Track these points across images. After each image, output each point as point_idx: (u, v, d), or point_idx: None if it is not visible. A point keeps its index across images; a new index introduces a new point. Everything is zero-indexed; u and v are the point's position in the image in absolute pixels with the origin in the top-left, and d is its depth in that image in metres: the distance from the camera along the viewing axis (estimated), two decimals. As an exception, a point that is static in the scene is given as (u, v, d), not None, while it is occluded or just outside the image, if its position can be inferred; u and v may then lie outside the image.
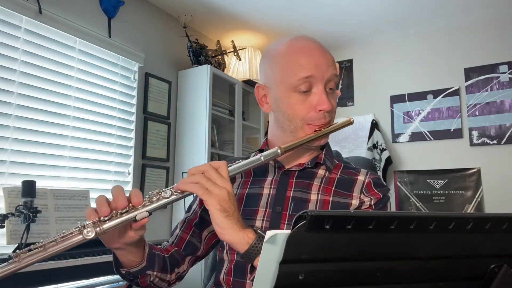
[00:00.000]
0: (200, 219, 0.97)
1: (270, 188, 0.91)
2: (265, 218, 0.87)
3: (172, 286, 0.94)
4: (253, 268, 0.71)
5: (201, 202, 0.95)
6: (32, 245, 0.65)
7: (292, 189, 0.89)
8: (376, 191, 0.89)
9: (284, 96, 0.88)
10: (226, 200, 0.70)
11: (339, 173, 0.93)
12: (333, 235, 0.38)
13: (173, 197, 0.73)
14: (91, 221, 0.69)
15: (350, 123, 0.92)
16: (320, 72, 0.85)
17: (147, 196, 0.73)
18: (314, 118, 0.86)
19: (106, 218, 0.69)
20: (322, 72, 0.85)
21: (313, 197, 0.87)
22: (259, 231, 0.71)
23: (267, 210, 0.88)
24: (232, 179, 0.93)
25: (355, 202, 0.87)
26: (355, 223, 0.37)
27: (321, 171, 0.92)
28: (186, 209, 1.03)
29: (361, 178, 0.91)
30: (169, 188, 0.74)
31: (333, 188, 0.89)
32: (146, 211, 0.71)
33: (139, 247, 0.81)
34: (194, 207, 1.00)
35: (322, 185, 0.90)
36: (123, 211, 0.70)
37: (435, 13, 3.01)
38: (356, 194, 0.88)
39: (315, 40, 0.91)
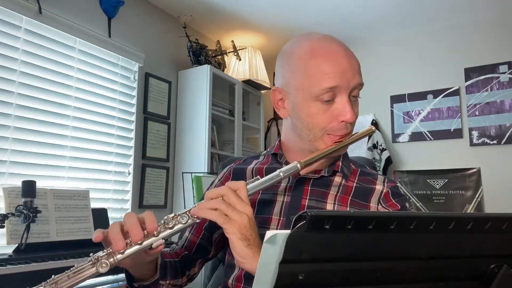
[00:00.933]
0: (210, 221, 0.94)
1: (284, 195, 0.87)
2: (278, 227, 0.84)
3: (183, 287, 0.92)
4: None
5: None
6: (43, 282, 0.62)
7: (308, 198, 0.85)
8: (394, 201, 0.85)
9: (304, 104, 0.81)
10: (247, 227, 0.67)
11: (356, 181, 0.88)
12: (333, 235, 0.38)
13: (190, 222, 0.70)
14: (105, 253, 0.65)
15: (372, 131, 0.88)
16: (345, 81, 0.78)
17: (162, 221, 0.69)
18: (336, 128, 0.81)
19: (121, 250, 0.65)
20: (348, 80, 0.79)
21: (329, 206, 0.84)
22: None
23: (281, 218, 0.85)
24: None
25: None
26: (355, 223, 0.37)
27: (337, 178, 0.88)
28: (201, 198, 1.00)
29: (379, 187, 0.87)
30: (186, 211, 0.71)
31: (350, 198, 0.85)
32: (162, 238, 0.68)
33: (152, 262, 0.78)
34: None
35: (338, 194, 0.86)
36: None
37: (435, 13, 3.01)
38: (373, 204, 0.85)
39: (340, 42, 0.83)
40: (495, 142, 2.95)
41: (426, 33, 3.29)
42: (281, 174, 0.74)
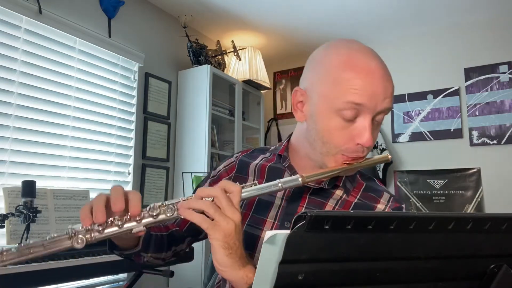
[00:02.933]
0: None
1: (282, 199, 0.85)
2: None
3: (168, 261, 0.92)
4: None
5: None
6: (18, 245, 0.63)
7: (304, 206, 0.83)
8: None
9: (324, 114, 0.77)
10: (232, 235, 0.65)
11: (358, 197, 0.85)
12: (332, 235, 0.38)
13: (175, 215, 0.68)
14: (83, 228, 0.65)
15: (387, 160, 0.83)
16: (373, 103, 0.73)
17: (147, 208, 0.68)
18: (351, 150, 0.76)
19: (100, 228, 0.65)
20: (376, 103, 0.74)
21: None
22: None
23: (276, 223, 0.84)
24: (245, 180, 0.89)
25: None
26: (355, 223, 0.37)
27: (338, 192, 0.85)
28: (193, 191, 0.98)
29: (380, 206, 0.84)
30: (174, 203, 0.69)
31: None
32: (144, 226, 0.67)
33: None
34: None
35: (336, 207, 0.83)
36: (119, 222, 0.66)
37: (435, 13, 3.01)
38: None
39: (379, 60, 0.77)
40: (495, 142, 2.95)
41: (426, 33, 3.29)
42: (279, 185, 0.71)
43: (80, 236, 0.64)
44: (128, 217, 0.67)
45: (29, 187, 1.66)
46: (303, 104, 0.82)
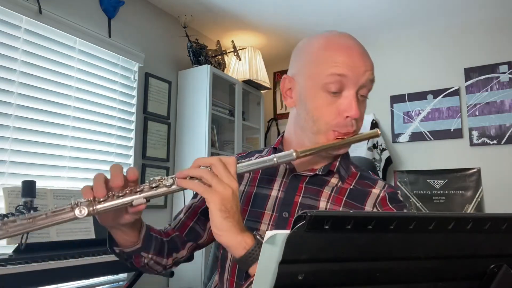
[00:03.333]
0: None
1: (279, 190, 0.86)
2: (271, 222, 0.83)
3: (168, 270, 0.92)
4: (248, 276, 0.68)
5: None
6: (21, 215, 0.63)
7: (301, 195, 0.84)
8: (390, 206, 0.83)
9: (311, 93, 0.81)
10: (230, 199, 0.66)
11: (353, 184, 0.87)
12: (332, 235, 0.38)
13: (174, 187, 0.69)
14: (85, 200, 0.66)
15: (376, 135, 0.86)
16: (355, 75, 0.78)
17: (147, 182, 0.69)
18: (341, 124, 0.80)
19: (102, 199, 0.66)
20: (358, 75, 0.79)
21: (322, 204, 0.82)
22: (258, 237, 0.67)
23: (274, 214, 0.84)
24: (241, 176, 0.88)
25: None
26: (355, 223, 0.37)
27: (333, 180, 0.86)
28: (193, 195, 0.98)
29: (376, 191, 0.85)
30: (172, 176, 0.70)
31: (344, 198, 0.84)
32: (144, 197, 0.67)
33: (135, 228, 0.78)
34: None
35: (332, 194, 0.84)
36: (120, 194, 0.67)
37: (435, 13, 3.01)
38: (368, 207, 0.83)
39: (357, 40, 0.84)
40: (495, 142, 2.95)
41: (426, 33, 3.29)
42: (275, 159, 0.73)
43: (83, 206, 0.65)
44: (129, 190, 0.67)
45: (29, 187, 1.66)
46: (291, 91, 0.87)
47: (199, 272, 2.58)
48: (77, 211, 0.64)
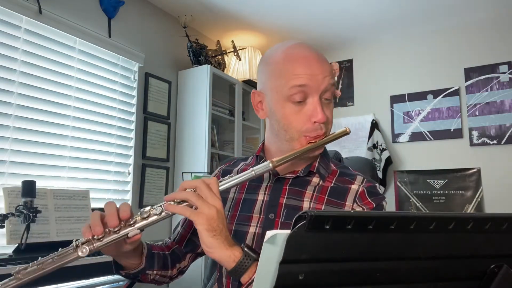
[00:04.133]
0: None
1: (264, 194, 0.91)
2: (258, 225, 0.88)
3: (174, 279, 0.98)
4: (240, 284, 0.72)
5: None
6: (30, 263, 0.70)
7: (286, 196, 0.89)
8: (369, 200, 0.87)
9: (278, 105, 0.86)
10: (215, 218, 0.71)
11: (333, 181, 0.91)
12: (333, 235, 0.38)
13: (163, 214, 0.74)
14: (85, 239, 0.72)
15: (346, 133, 0.89)
16: (315, 83, 0.83)
17: (139, 213, 0.75)
18: (310, 129, 0.84)
19: (100, 237, 0.72)
20: (318, 83, 0.83)
21: (306, 204, 0.87)
22: (246, 249, 0.72)
23: (261, 216, 0.88)
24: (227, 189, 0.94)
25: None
26: (355, 223, 0.37)
27: (315, 179, 0.91)
28: None
29: (354, 187, 0.89)
30: (160, 204, 0.75)
31: (325, 197, 0.88)
32: (138, 228, 0.74)
33: (136, 251, 0.83)
34: None
35: (315, 193, 0.89)
36: (116, 229, 0.72)
37: (435, 13, 3.01)
38: (349, 203, 0.87)
39: (312, 48, 0.88)
40: (495, 142, 2.95)
41: (426, 33, 3.30)
42: (253, 172, 0.78)
43: (84, 246, 0.71)
44: (124, 224, 0.73)
45: (29, 187, 1.66)
46: (262, 103, 0.92)
47: (199, 272, 2.58)
48: (80, 252, 0.70)
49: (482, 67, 3.06)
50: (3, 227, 1.58)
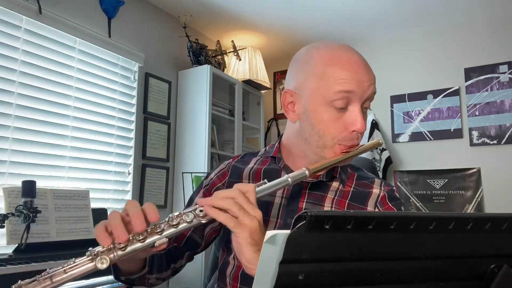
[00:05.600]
0: None
1: (282, 197, 0.87)
2: (276, 230, 0.84)
3: (166, 280, 0.92)
4: None
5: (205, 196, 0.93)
6: (37, 275, 0.57)
7: (305, 201, 0.86)
8: (390, 205, 0.87)
9: (317, 108, 0.81)
10: (258, 231, 0.65)
11: (353, 185, 0.89)
12: (333, 235, 0.38)
13: (195, 221, 0.67)
14: (105, 248, 0.61)
15: (378, 144, 0.88)
16: (361, 90, 0.79)
17: (166, 219, 0.67)
18: (347, 138, 0.80)
19: (123, 245, 0.61)
20: (363, 90, 0.79)
21: (327, 209, 0.84)
22: None
23: (279, 221, 0.85)
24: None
25: None
26: (355, 223, 0.37)
27: (335, 184, 0.89)
28: (186, 204, 0.98)
29: (375, 191, 0.89)
30: (191, 210, 0.67)
31: (347, 201, 0.86)
32: (166, 237, 0.64)
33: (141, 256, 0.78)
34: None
35: (336, 197, 0.86)
36: (141, 237, 0.63)
37: (435, 13, 3.01)
38: (370, 208, 0.86)
39: (359, 54, 0.85)
40: (495, 142, 2.95)
41: (426, 33, 3.29)
42: (289, 180, 0.73)
43: (103, 256, 0.59)
44: (149, 229, 0.64)
45: (29, 187, 1.66)
46: (294, 104, 0.86)
47: (199, 272, 2.58)
48: (99, 264, 0.59)
49: (482, 67, 3.06)
50: (3, 227, 1.58)
